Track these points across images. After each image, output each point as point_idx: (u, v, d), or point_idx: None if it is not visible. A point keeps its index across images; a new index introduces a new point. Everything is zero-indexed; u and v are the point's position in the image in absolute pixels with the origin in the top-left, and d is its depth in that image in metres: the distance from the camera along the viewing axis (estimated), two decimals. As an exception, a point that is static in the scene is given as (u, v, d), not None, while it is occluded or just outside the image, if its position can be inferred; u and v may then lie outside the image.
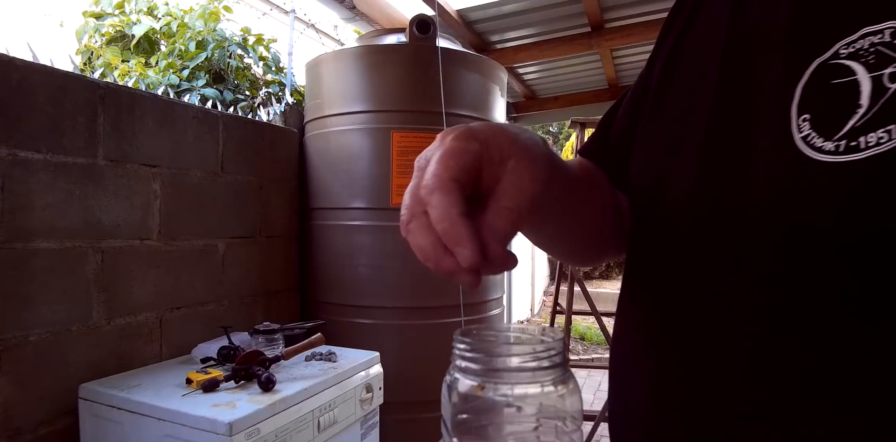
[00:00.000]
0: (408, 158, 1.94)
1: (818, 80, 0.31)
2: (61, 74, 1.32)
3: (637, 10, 2.62)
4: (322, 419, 1.36)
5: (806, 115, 0.31)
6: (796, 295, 0.31)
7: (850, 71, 0.30)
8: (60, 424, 1.31)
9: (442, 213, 0.29)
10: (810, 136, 0.31)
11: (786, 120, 0.32)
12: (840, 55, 0.30)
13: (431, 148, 0.33)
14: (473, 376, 0.28)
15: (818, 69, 0.31)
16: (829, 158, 0.29)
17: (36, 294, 1.26)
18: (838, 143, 0.29)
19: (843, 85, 0.30)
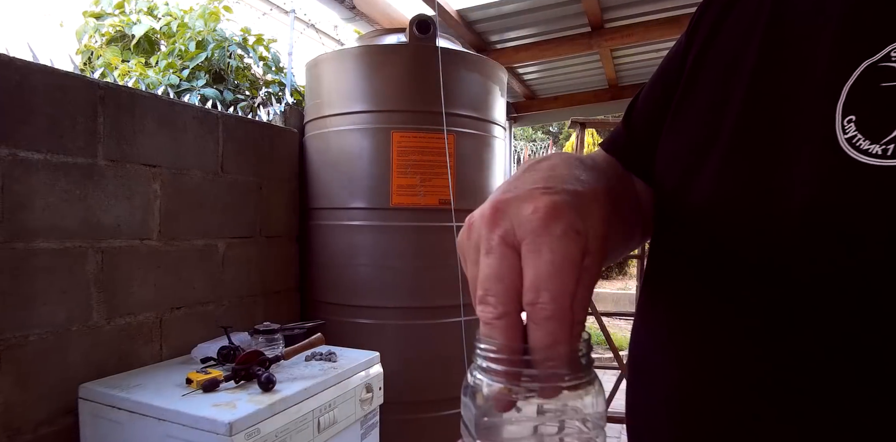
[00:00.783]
0: (408, 158, 1.94)
1: (867, 82, 0.30)
2: (61, 74, 1.32)
3: (637, 10, 2.62)
4: (322, 419, 1.36)
5: (851, 117, 0.30)
6: (836, 305, 0.29)
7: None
8: (60, 424, 1.31)
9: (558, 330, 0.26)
10: (856, 139, 0.30)
11: (829, 121, 0.31)
12: (891, 58, 0.29)
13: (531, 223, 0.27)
14: (498, 378, 0.27)
15: (867, 70, 0.30)
16: (877, 162, 0.28)
17: (36, 294, 1.26)
18: (886, 147, 0.28)
19: (893, 88, 0.29)
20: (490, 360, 0.27)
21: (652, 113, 0.49)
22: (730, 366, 0.35)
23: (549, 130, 12.75)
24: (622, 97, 3.83)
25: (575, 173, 0.33)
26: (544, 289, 0.26)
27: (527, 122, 4.56)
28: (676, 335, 0.40)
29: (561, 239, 0.27)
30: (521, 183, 0.31)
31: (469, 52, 2.21)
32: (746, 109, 0.37)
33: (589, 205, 0.30)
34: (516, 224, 0.28)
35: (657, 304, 0.44)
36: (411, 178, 1.94)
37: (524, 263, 0.27)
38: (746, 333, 0.34)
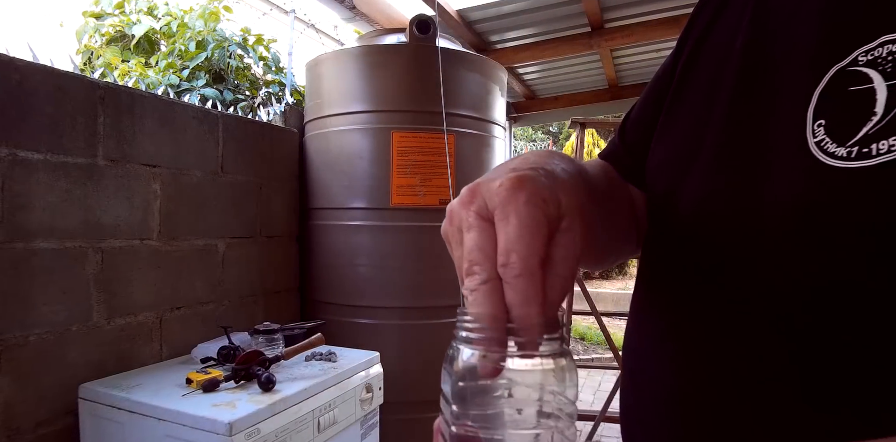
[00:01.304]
0: (408, 158, 1.94)
1: (835, 87, 0.31)
2: (61, 74, 1.32)
3: (637, 10, 2.62)
4: (322, 419, 1.36)
5: (821, 121, 0.31)
6: (814, 302, 0.30)
7: (868, 78, 0.30)
8: (60, 424, 1.31)
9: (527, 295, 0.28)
10: (824, 142, 0.31)
11: (801, 125, 0.32)
12: (859, 62, 0.30)
13: (499, 195, 0.29)
14: (475, 346, 0.29)
15: (836, 75, 0.31)
16: (841, 164, 0.30)
17: (36, 294, 1.26)
18: (850, 150, 0.29)
19: (860, 92, 0.30)
20: (468, 329, 0.29)
21: (644, 122, 0.51)
22: (721, 365, 0.35)
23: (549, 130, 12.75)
24: (622, 97, 3.84)
25: (550, 162, 0.35)
26: (512, 250, 0.27)
27: (527, 122, 4.56)
28: (668, 336, 0.41)
29: (525, 204, 0.28)
30: (494, 172, 0.33)
31: (469, 52, 2.21)
32: (729, 116, 0.39)
33: (560, 181, 0.32)
34: (487, 199, 0.30)
35: (650, 306, 0.45)
36: (411, 178, 1.94)
37: (497, 232, 0.29)
38: (736, 333, 0.35)
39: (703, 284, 0.38)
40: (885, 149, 0.28)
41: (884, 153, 0.28)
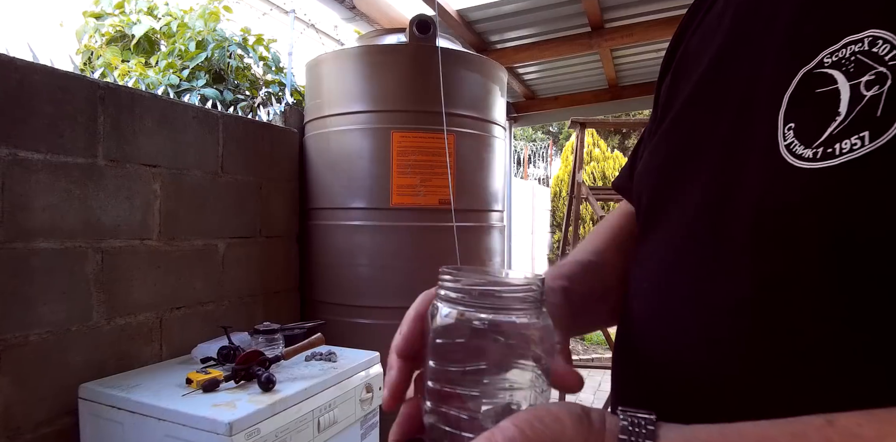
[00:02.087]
0: (408, 158, 1.94)
1: (803, 89, 0.32)
2: (61, 74, 1.32)
3: (637, 10, 2.62)
4: (322, 419, 1.36)
5: (791, 124, 0.32)
6: (783, 299, 0.32)
7: (833, 79, 0.30)
8: (60, 424, 1.31)
9: None
10: (793, 144, 0.31)
11: (773, 129, 0.33)
12: (824, 64, 0.31)
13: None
14: (454, 304, 0.29)
15: (804, 78, 0.32)
16: (807, 165, 0.30)
17: (36, 294, 1.26)
18: (816, 150, 0.30)
19: (826, 94, 0.30)
20: (448, 288, 0.30)
21: (646, 140, 0.52)
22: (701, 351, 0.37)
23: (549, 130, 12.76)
24: (622, 97, 3.84)
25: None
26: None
27: (527, 122, 4.55)
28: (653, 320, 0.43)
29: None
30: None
31: (469, 52, 2.21)
32: (709, 128, 0.39)
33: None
34: None
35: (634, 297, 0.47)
36: (411, 178, 1.94)
37: None
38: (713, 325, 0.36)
39: (682, 284, 0.39)
40: (847, 148, 0.29)
41: (846, 152, 0.29)
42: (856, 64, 0.29)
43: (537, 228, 7.43)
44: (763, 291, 0.33)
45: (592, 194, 3.71)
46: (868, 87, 0.29)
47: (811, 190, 0.30)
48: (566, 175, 7.69)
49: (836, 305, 0.29)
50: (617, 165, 7.87)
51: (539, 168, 10.42)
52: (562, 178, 8.24)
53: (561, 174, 8.41)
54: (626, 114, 7.34)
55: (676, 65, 0.47)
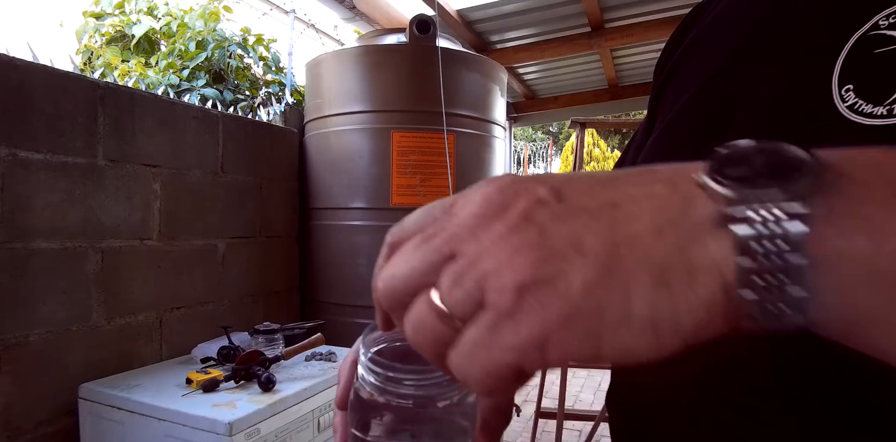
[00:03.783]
0: (408, 158, 1.94)
1: (859, 52, 0.31)
2: (61, 74, 1.32)
3: (637, 10, 2.62)
4: (322, 419, 1.36)
5: (849, 86, 0.30)
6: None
7: (893, 40, 0.29)
8: (60, 424, 1.31)
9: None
10: (858, 105, 0.30)
11: (826, 95, 0.31)
12: (880, 26, 0.30)
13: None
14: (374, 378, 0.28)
15: (858, 42, 0.31)
16: (881, 122, 0.28)
17: (36, 294, 1.26)
18: (890, 107, 0.28)
19: (890, 52, 0.29)
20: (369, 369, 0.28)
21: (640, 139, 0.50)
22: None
23: (549, 130, 12.76)
24: (622, 97, 3.84)
25: None
26: None
27: (527, 122, 4.56)
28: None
29: None
30: None
31: (469, 52, 2.21)
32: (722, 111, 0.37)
33: None
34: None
35: None
36: (411, 178, 1.94)
37: None
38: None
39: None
40: None
41: None
42: None
43: (537, 228, 7.42)
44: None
45: (592, 194, 3.70)
46: None
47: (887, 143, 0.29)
48: (566, 175, 7.69)
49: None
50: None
51: (539, 168, 10.42)
52: (562, 178, 8.24)
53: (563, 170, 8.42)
54: (626, 114, 7.34)
55: (677, 62, 0.46)
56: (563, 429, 2.39)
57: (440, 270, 0.20)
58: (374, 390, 0.28)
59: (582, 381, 3.98)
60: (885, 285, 0.17)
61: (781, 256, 0.18)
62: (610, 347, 0.19)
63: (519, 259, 0.19)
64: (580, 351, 0.19)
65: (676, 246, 0.18)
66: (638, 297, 0.18)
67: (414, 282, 0.21)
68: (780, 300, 0.18)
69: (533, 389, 2.96)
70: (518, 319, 0.19)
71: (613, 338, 0.18)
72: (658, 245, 0.19)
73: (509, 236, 0.19)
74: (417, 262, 0.21)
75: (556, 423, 2.35)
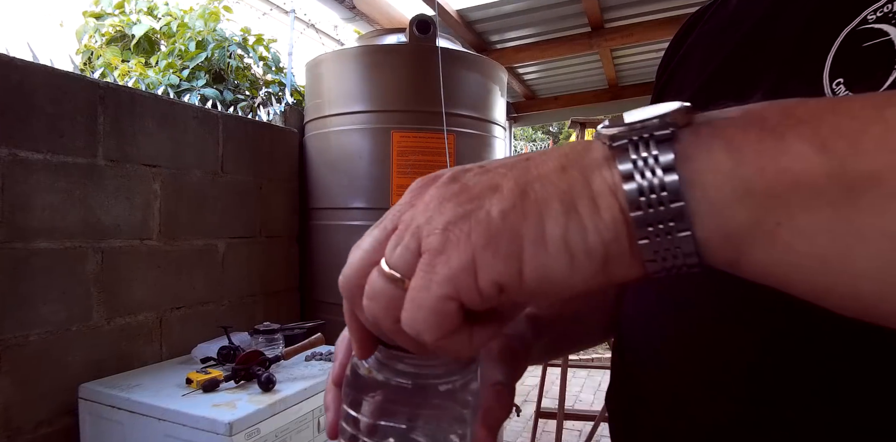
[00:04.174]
0: (408, 158, 1.94)
1: (849, 47, 0.31)
2: (61, 74, 1.32)
3: (637, 10, 2.62)
4: (322, 419, 1.36)
5: (839, 80, 0.31)
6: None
7: (882, 33, 0.30)
8: (60, 424, 1.31)
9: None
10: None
11: (816, 90, 0.32)
12: (868, 21, 0.31)
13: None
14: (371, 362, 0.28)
15: (848, 36, 0.31)
16: None
17: (36, 294, 1.26)
18: None
19: (877, 45, 0.30)
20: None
21: None
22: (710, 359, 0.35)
23: (549, 130, 12.75)
24: (622, 97, 3.83)
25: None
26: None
27: (527, 122, 4.55)
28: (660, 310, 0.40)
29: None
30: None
31: (469, 52, 2.21)
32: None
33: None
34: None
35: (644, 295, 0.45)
36: (411, 179, 1.93)
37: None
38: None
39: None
40: None
41: None
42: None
43: (537, 228, 7.42)
44: None
45: (592, 194, 3.70)
46: None
47: None
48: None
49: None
50: (617, 165, 7.85)
51: (539, 168, 10.41)
52: (562, 178, 8.22)
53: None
54: (626, 114, 7.33)
55: (678, 62, 0.46)
56: (563, 429, 2.39)
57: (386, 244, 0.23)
58: (374, 367, 0.27)
59: (582, 381, 3.98)
60: (750, 198, 0.19)
61: (656, 175, 0.20)
62: (530, 268, 0.20)
63: (446, 205, 0.21)
64: (506, 272, 0.20)
65: (580, 178, 0.21)
66: (550, 219, 0.20)
67: (366, 260, 0.23)
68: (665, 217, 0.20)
69: (533, 389, 2.96)
70: (448, 252, 0.21)
71: (533, 258, 0.20)
72: (564, 178, 0.21)
73: (437, 193, 0.22)
74: (367, 244, 0.24)
75: (556, 423, 2.35)
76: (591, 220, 0.20)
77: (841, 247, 0.18)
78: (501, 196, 0.21)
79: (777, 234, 0.19)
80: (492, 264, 0.20)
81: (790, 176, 0.18)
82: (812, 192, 0.18)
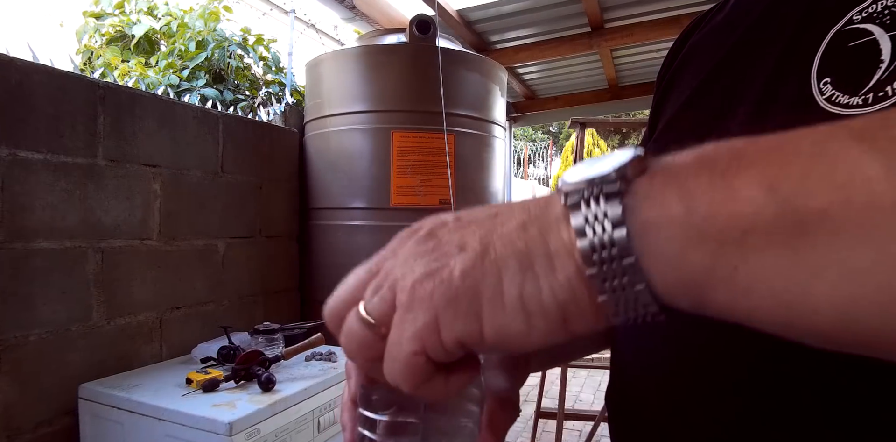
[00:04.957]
0: (408, 158, 1.94)
1: (836, 46, 0.32)
2: (61, 74, 1.32)
3: (637, 10, 2.62)
4: (322, 419, 1.36)
5: (826, 79, 0.31)
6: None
7: (867, 32, 0.30)
8: (60, 424, 1.31)
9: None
10: (835, 96, 0.31)
11: (806, 90, 0.32)
12: (854, 21, 0.31)
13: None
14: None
15: (835, 37, 0.32)
16: (857, 111, 0.29)
17: (36, 294, 1.26)
18: (865, 97, 0.29)
19: (862, 45, 0.30)
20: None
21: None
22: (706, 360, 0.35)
23: (549, 130, 12.76)
24: (622, 97, 3.83)
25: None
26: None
27: (527, 122, 4.55)
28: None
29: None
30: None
31: (469, 52, 2.21)
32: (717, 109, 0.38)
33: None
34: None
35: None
36: (411, 178, 1.94)
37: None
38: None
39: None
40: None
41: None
42: (892, 17, 0.29)
43: (537, 228, 7.41)
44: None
45: (592, 194, 3.70)
46: None
47: None
48: (566, 175, 7.67)
49: None
50: (617, 165, 7.85)
51: (539, 168, 10.42)
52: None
53: (561, 174, 8.40)
54: (626, 114, 7.34)
55: (678, 67, 0.46)
56: (563, 429, 2.39)
57: (367, 285, 0.24)
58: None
59: (582, 381, 3.98)
60: (704, 245, 0.19)
61: (606, 231, 0.20)
62: (489, 326, 0.21)
63: (418, 262, 0.23)
64: (466, 330, 0.21)
65: (538, 237, 0.21)
66: (508, 279, 0.21)
67: (348, 298, 0.25)
68: (619, 272, 0.20)
69: (533, 389, 2.96)
70: (414, 310, 0.22)
71: (491, 317, 0.21)
72: (523, 236, 0.21)
73: (415, 248, 0.23)
74: (351, 282, 0.26)
75: (556, 423, 2.35)
76: (546, 280, 0.21)
77: (797, 284, 0.18)
78: (465, 255, 0.22)
79: (735, 277, 0.19)
80: (452, 323, 0.21)
81: (741, 220, 0.18)
82: (764, 234, 0.18)
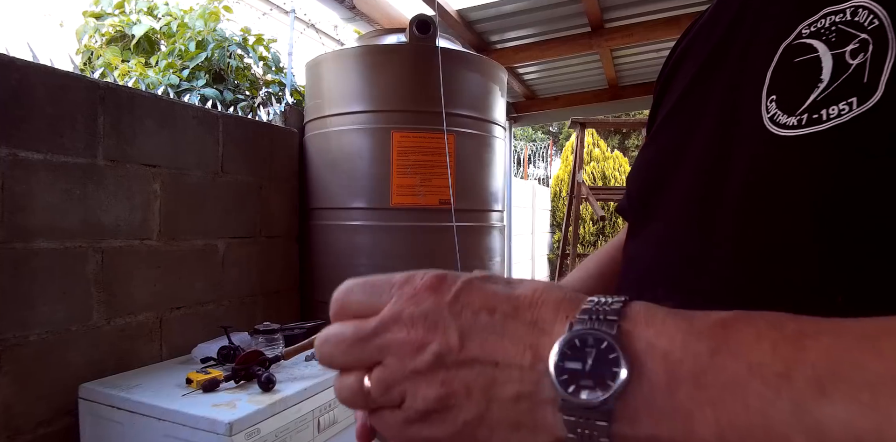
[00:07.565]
0: (408, 158, 1.94)
1: (784, 62, 0.32)
2: (61, 74, 1.32)
3: (637, 10, 2.62)
4: (322, 419, 1.36)
5: (773, 96, 0.32)
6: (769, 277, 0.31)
7: (812, 48, 0.30)
8: (60, 424, 1.31)
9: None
10: (776, 115, 0.31)
11: (758, 106, 0.32)
12: (802, 35, 0.31)
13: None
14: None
15: (784, 52, 0.32)
16: (791, 132, 0.30)
17: (36, 294, 1.26)
18: (801, 117, 0.29)
19: (805, 62, 0.30)
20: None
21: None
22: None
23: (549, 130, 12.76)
24: (622, 97, 3.84)
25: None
26: None
27: (527, 122, 4.55)
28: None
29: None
30: None
31: (469, 52, 2.21)
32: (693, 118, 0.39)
33: None
34: None
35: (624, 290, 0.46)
36: (411, 178, 1.94)
37: None
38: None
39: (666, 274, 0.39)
40: (834, 113, 0.28)
41: (833, 118, 0.28)
42: (837, 33, 0.29)
43: (537, 228, 7.42)
44: (747, 270, 0.32)
45: (592, 194, 3.71)
46: (853, 55, 0.28)
47: (797, 157, 0.29)
48: (566, 175, 7.69)
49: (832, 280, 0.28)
50: (617, 165, 7.86)
51: (539, 168, 10.42)
52: (562, 178, 8.24)
53: (561, 174, 8.41)
54: (626, 114, 7.34)
55: (674, 65, 0.47)
56: (563, 429, 2.39)
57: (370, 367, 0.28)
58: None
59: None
60: None
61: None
62: None
63: (430, 391, 0.26)
64: None
65: (528, 411, 0.25)
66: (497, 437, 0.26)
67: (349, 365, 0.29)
68: None
69: (533, 389, 2.96)
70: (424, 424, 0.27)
71: None
72: (516, 408, 0.25)
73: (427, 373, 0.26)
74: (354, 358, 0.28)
75: (556, 423, 2.34)
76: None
77: None
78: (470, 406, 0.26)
79: None
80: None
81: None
82: None
